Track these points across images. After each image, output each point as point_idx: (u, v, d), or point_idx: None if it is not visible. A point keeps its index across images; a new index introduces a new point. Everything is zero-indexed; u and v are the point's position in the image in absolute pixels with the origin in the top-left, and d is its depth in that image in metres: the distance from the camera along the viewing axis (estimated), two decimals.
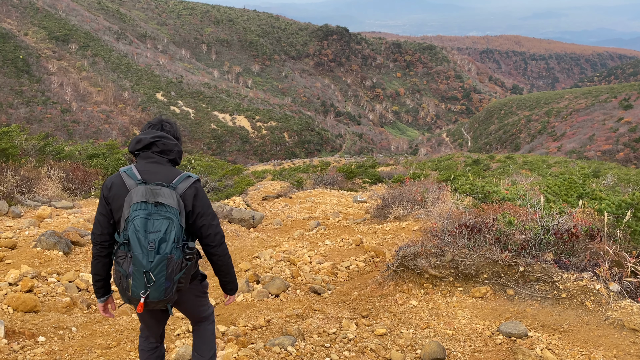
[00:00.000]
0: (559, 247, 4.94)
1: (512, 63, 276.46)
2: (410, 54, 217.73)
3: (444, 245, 5.35)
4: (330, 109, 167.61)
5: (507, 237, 5.06)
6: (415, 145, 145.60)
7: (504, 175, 28.96)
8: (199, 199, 2.80)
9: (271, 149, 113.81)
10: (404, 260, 5.53)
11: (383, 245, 8.72)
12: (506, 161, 48.15)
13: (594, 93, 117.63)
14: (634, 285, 4.29)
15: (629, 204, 5.33)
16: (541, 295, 4.50)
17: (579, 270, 4.57)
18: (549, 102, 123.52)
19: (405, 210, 11.56)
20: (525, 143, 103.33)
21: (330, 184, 21.62)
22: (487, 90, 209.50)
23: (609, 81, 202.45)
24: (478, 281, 4.93)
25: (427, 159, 64.92)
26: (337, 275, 7.17)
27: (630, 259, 4.37)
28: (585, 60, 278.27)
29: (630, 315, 3.97)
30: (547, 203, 6.68)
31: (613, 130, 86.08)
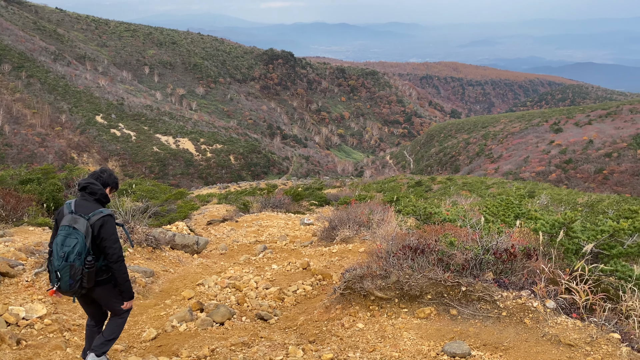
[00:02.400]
0: (498, 266, 5.10)
1: (450, 88, 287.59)
2: (354, 79, 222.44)
3: (389, 267, 5.41)
4: (276, 132, 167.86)
5: (449, 257, 5.17)
6: (360, 167, 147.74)
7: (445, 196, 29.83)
8: (104, 228, 4.09)
9: (217, 172, 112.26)
10: (351, 282, 5.54)
11: (330, 267, 8.70)
12: (447, 182, 49.63)
13: (527, 117, 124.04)
14: (569, 301, 4.48)
15: (562, 223, 5.58)
16: (483, 314, 4.62)
17: (517, 288, 4.73)
18: (486, 126, 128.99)
19: (351, 232, 11.64)
20: (464, 165, 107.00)
21: (277, 207, 21.49)
22: (427, 115, 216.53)
23: (541, 106, 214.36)
24: (422, 302, 5.01)
25: (372, 181, 65.93)
26: (284, 300, 7.07)
27: (565, 276, 4.57)
28: (518, 86, 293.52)
29: (566, 331, 4.14)
30: (486, 223, 6.90)
31: (545, 152, 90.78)
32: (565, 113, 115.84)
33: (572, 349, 4.00)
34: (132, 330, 5.80)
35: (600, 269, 4.92)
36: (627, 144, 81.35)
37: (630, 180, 72.84)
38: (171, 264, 9.22)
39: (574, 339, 4.03)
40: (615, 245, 5.68)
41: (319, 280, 7.86)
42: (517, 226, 6.16)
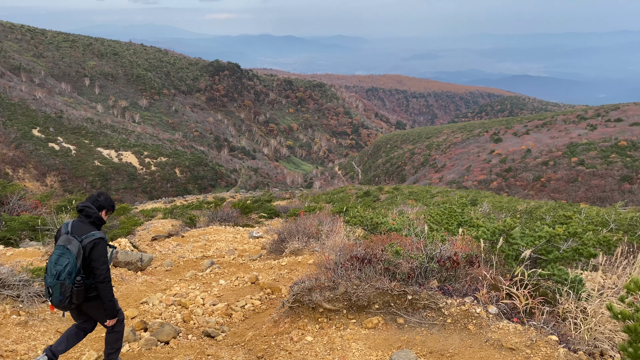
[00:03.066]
0: (442, 274, 5.21)
1: (395, 100, 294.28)
2: (301, 91, 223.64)
3: (337, 278, 5.41)
4: (224, 144, 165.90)
5: (395, 266, 5.24)
6: (309, 178, 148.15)
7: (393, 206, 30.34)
8: (95, 250, 4.43)
9: (161, 185, 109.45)
10: (299, 295, 5.50)
11: (279, 281, 8.63)
12: (394, 192, 50.54)
13: (469, 128, 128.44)
14: (510, 306, 4.63)
15: (502, 230, 5.77)
16: (429, 322, 4.69)
17: (461, 295, 4.84)
18: (430, 137, 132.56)
19: (300, 244, 11.61)
20: (410, 175, 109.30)
21: (225, 220, 21.17)
22: (374, 126, 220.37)
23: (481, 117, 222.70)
24: (370, 312, 5.03)
25: (321, 192, 66.23)
26: (232, 316, 6.94)
27: (505, 282, 4.72)
28: (459, 98, 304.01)
29: (508, 335, 4.26)
30: (430, 232, 7.05)
31: (487, 161, 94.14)
32: (504, 123, 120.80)
33: (514, 353, 4.12)
34: (71, 354, 5.52)
35: (539, 274, 5.12)
36: (562, 152, 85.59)
37: (565, 187, 76.59)
38: (113, 282, 8.87)
39: (515, 342, 4.16)
40: (552, 250, 5.92)
41: (268, 294, 7.77)
42: (460, 234, 6.33)
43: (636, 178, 72.53)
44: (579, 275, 5.00)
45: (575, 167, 79.60)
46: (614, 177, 74.44)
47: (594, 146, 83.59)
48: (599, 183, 74.25)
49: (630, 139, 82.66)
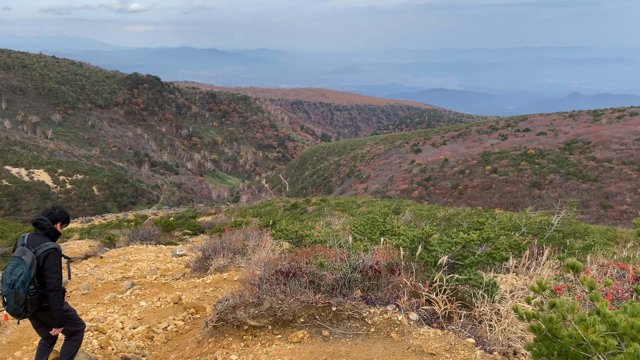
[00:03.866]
0: (365, 283, 5.29)
1: (320, 113, 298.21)
2: (225, 104, 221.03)
3: (262, 294, 5.34)
4: (144, 159, 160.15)
5: (320, 278, 5.26)
6: (236, 192, 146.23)
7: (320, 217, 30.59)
8: (48, 259, 4.61)
9: (78, 204, 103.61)
10: (223, 313, 5.38)
11: (204, 299, 8.40)
12: (321, 204, 51.00)
13: (390, 139, 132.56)
14: (429, 312, 4.78)
15: (421, 238, 5.97)
16: (353, 332, 4.74)
17: (383, 304, 4.93)
18: (354, 148, 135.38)
19: (226, 260, 11.38)
20: (337, 186, 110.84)
21: (147, 239, 20.38)
22: (300, 139, 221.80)
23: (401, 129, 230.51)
24: (295, 326, 5.01)
25: (248, 206, 65.54)
26: (153, 338, 6.66)
27: (425, 288, 4.87)
28: (381, 110, 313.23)
29: (428, 341, 4.39)
30: (354, 242, 7.16)
31: (408, 171, 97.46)
32: (423, 135, 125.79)
33: (434, 358, 4.25)
34: None
35: (456, 279, 5.33)
36: (476, 161, 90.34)
37: (481, 194, 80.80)
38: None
39: (435, 347, 4.29)
40: (468, 255, 6.21)
41: (192, 314, 7.54)
42: (382, 243, 6.47)
43: (544, 184, 77.92)
44: (493, 278, 5.27)
45: (489, 175, 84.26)
46: (525, 183, 79.55)
47: (505, 155, 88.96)
48: (512, 189, 79.01)
49: (538, 147, 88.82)
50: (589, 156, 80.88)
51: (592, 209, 67.40)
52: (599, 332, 2.26)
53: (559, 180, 77.43)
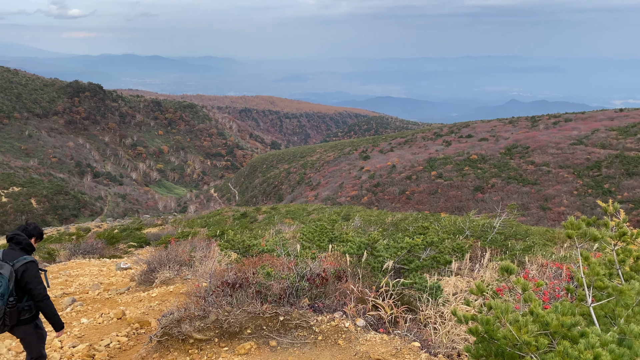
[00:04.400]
0: (312, 291, 5.28)
1: (269, 121, 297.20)
2: (171, 112, 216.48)
3: (208, 306, 5.23)
4: (87, 170, 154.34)
5: (267, 288, 5.21)
6: (184, 202, 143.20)
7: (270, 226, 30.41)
8: (28, 272, 4.67)
9: (15, 218, 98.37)
10: (168, 328, 5.23)
11: (149, 314, 8.15)
12: (271, 212, 50.72)
13: (340, 147, 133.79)
14: (376, 317, 4.82)
15: (367, 244, 6.03)
16: (301, 341, 4.71)
17: (331, 311, 4.94)
18: (304, 156, 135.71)
19: (172, 272, 11.10)
20: (287, 194, 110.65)
21: (90, 253, 19.64)
22: (249, 147, 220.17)
23: (350, 136, 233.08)
24: (243, 337, 4.93)
25: (196, 216, 64.33)
26: (94, 357, 6.40)
27: (371, 294, 4.92)
28: (329, 118, 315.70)
29: (375, 346, 4.43)
30: (303, 250, 7.15)
31: (357, 178, 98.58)
32: (371, 142, 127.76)
33: None
34: None
35: (402, 283, 5.41)
36: (422, 167, 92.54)
37: (427, 199, 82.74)
38: None
39: (381, 353, 4.33)
40: (413, 259, 6.32)
41: (136, 330, 7.29)
42: (330, 250, 6.49)
43: (487, 188, 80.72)
44: (437, 281, 5.38)
45: (435, 180, 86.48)
46: (469, 187, 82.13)
47: (450, 160, 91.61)
48: (456, 194, 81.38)
49: (480, 152, 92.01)
50: (528, 160, 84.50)
51: (532, 211, 70.38)
52: (531, 332, 2.35)
53: (501, 184, 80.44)
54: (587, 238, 2.92)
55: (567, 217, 14.82)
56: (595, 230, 2.98)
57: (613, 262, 3.18)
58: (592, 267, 2.77)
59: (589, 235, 2.89)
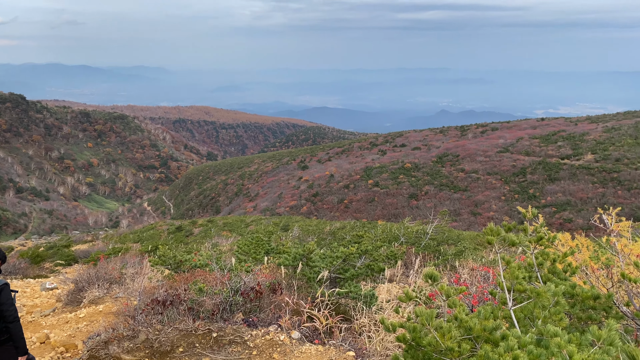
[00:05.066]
0: (247, 305, 5.19)
1: (204, 132, 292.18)
2: (101, 124, 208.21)
3: (138, 325, 5.02)
4: (8, 185, 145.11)
5: (199, 304, 5.07)
6: (116, 217, 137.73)
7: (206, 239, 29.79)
8: (2, 295, 4.73)
9: None
10: (95, 350, 4.97)
11: (76, 336, 7.73)
12: (208, 225, 49.75)
13: (278, 157, 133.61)
14: (311, 329, 4.80)
15: (302, 255, 6.01)
16: (235, 357, 4.61)
17: (266, 325, 4.88)
18: (242, 167, 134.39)
19: (101, 291, 10.62)
20: (225, 205, 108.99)
21: (12, 273, 18.45)
22: (184, 158, 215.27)
23: (288, 146, 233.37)
24: (174, 356, 4.76)
25: (129, 231, 62.08)
26: None
27: (306, 305, 4.90)
28: (267, 128, 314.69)
29: (310, 358, 4.41)
30: (238, 263, 7.02)
31: (296, 188, 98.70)
32: (309, 152, 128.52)
33: None
34: None
35: (337, 292, 5.43)
36: (359, 176, 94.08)
37: (365, 207, 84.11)
38: None
39: None
40: (349, 268, 6.37)
41: (61, 354, 6.88)
42: (267, 262, 6.43)
43: (421, 195, 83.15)
44: (372, 289, 5.45)
45: (372, 188, 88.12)
46: (404, 195, 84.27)
47: (385, 169, 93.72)
48: (392, 201, 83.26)
49: (413, 161, 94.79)
50: (459, 168, 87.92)
51: (464, 217, 73.17)
52: (454, 338, 2.42)
53: (434, 191, 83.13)
54: (507, 243, 3.06)
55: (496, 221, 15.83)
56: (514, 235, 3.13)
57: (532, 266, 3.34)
58: (511, 271, 2.90)
59: (508, 241, 3.03)
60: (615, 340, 2.25)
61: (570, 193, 71.35)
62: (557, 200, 71.09)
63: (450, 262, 11.83)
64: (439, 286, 2.89)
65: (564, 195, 71.55)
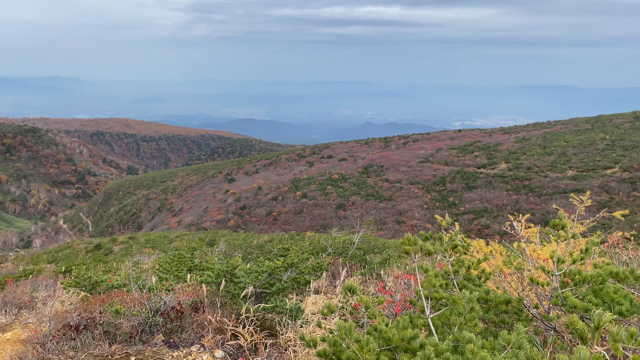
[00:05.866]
0: (167, 326, 4.99)
1: (124, 145, 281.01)
2: (10, 137, 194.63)
3: (48, 354, 4.67)
4: None
5: (116, 327, 4.80)
6: (28, 236, 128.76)
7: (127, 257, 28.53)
8: None
9: None
10: None
11: None
12: (129, 242, 47.76)
13: (203, 170, 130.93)
14: (235, 347, 4.68)
15: (226, 271, 5.87)
16: None
17: (188, 345, 4.70)
18: (165, 181, 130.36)
19: (9, 317, 9.82)
20: (147, 221, 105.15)
21: None
22: (102, 173, 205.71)
23: (214, 159, 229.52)
24: None
25: (42, 251, 58.32)
26: None
27: (230, 323, 4.77)
28: (191, 141, 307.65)
29: None
30: (159, 282, 6.75)
31: (223, 201, 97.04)
32: (236, 164, 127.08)
33: None
34: None
35: (262, 308, 5.34)
36: (288, 187, 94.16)
37: (294, 219, 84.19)
38: None
39: None
40: (275, 282, 6.30)
41: None
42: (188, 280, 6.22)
43: (348, 205, 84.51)
44: (297, 303, 5.41)
45: (300, 199, 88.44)
46: (332, 206, 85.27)
47: (313, 180, 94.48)
48: (321, 212, 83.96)
49: (340, 172, 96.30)
50: (383, 178, 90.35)
51: (389, 225, 75.12)
52: (373, 350, 2.45)
53: (360, 201, 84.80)
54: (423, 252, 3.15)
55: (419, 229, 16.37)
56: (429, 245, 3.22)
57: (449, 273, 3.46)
58: (428, 279, 2.98)
59: (424, 250, 3.12)
60: (524, 343, 2.37)
61: (487, 200, 75.28)
62: (475, 207, 74.74)
63: (376, 271, 12.05)
64: (358, 297, 2.91)
65: (481, 202, 75.36)
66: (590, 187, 68.78)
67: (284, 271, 6.58)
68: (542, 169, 78.71)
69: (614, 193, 67.49)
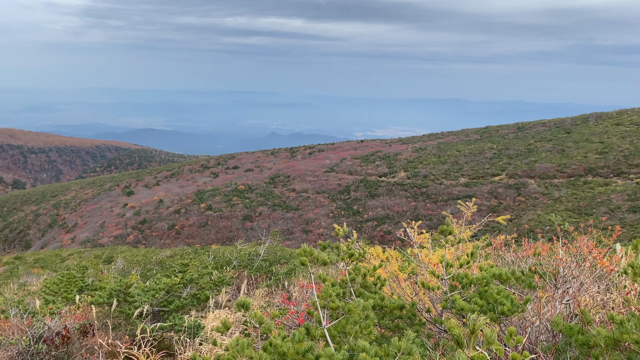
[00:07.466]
0: (52, 354, 4.59)
1: (9, 157, 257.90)
2: None
3: None
4: None
5: None
6: None
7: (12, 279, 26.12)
8: None
9: None
10: None
11: None
12: (15, 262, 43.86)
13: (99, 182, 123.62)
14: None
15: (119, 290, 5.54)
16: None
17: None
18: (56, 195, 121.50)
19: None
20: (36, 239, 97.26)
21: None
22: None
23: (110, 171, 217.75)
24: None
25: None
26: None
27: (124, 345, 4.49)
28: (85, 152, 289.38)
29: None
30: (45, 305, 6.21)
31: (121, 215, 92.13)
32: (135, 176, 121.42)
33: None
34: None
35: (159, 327, 5.10)
36: (191, 200, 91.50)
37: (198, 232, 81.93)
38: None
39: None
40: (174, 299, 6.04)
41: None
42: (78, 302, 5.78)
43: (255, 216, 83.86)
44: (196, 320, 5.22)
45: (204, 212, 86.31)
46: (238, 217, 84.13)
47: (218, 192, 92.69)
48: (226, 224, 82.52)
49: (247, 183, 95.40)
50: (290, 188, 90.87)
51: (297, 235, 75.59)
52: None
53: (267, 211, 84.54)
54: (319, 262, 3.18)
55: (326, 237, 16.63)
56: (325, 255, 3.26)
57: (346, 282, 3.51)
58: (325, 289, 3.01)
59: (320, 260, 3.15)
60: (413, 349, 2.46)
61: (389, 207, 78.30)
62: (377, 214, 77.42)
63: (282, 282, 12.02)
64: (251, 313, 2.86)
65: (383, 209, 78.23)
66: (481, 193, 74.09)
67: (184, 287, 6.34)
68: (437, 177, 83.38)
69: (502, 198, 73.18)
